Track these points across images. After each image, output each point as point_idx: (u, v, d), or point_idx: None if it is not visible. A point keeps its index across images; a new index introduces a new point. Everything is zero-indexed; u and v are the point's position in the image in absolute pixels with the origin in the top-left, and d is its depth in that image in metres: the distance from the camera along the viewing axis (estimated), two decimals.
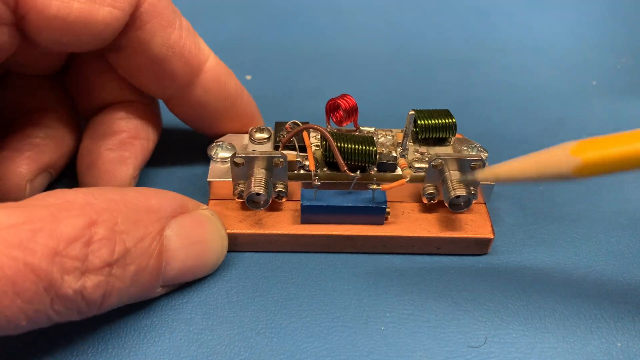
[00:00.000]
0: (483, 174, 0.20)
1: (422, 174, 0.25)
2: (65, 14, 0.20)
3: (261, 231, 0.24)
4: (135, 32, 0.22)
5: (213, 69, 0.26)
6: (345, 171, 0.23)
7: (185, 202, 0.22)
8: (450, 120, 0.26)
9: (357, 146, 0.24)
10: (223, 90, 0.26)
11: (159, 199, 0.21)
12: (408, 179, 0.24)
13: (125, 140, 0.25)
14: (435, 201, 0.25)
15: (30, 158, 0.24)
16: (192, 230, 0.21)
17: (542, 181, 0.20)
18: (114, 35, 0.22)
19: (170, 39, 0.23)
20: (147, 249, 0.19)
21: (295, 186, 0.25)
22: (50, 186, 0.27)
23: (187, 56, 0.24)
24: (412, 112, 0.25)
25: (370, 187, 0.23)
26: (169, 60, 0.24)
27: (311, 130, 0.26)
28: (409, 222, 0.24)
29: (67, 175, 0.28)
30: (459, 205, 0.24)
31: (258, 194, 0.23)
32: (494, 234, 0.24)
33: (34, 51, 0.24)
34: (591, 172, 0.19)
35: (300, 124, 0.27)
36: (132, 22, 0.22)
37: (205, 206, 0.23)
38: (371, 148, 0.24)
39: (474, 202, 0.25)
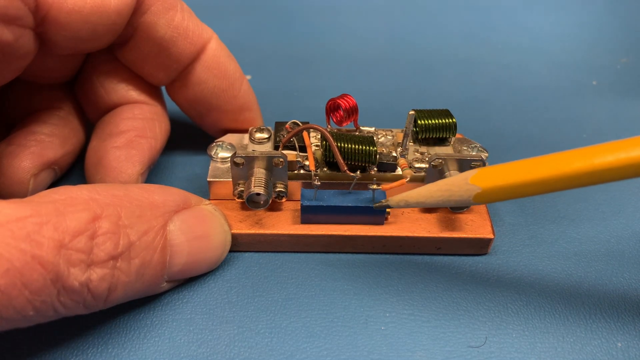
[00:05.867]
0: (395, 200, 0.22)
1: (422, 174, 0.25)
2: (80, 6, 0.21)
3: (261, 231, 0.24)
4: (141, 17, 0.24)
5: (214, 48, 0.27)
6: (345, 171, 0.23)
7: (188, 197, 0.22)
8: (450, 120, 0.26)
9: (357, 146, 0.24)
10: (222, 70, 0.27)
11: (162, 194, 0.21)
12: (408, 179, 0.24)
13: (132, 138, 0.25)
14: None
15: (34, 153, 0.25)
16: (196, 224, 0.21)
17: (448, 206, 0.22)
18: (123, 24, 0.23)
19: (174, 20, 0.25)
20: (151, 243, 0.19)
21: (295, 186, 0.25)
22: (56, 184, 0.27)
23: (191, 36, 0.25)
24: (412, 112, 0.25)
25: (371, 187, 0.23)
26: (175, 42, 0.25)
27: (311, 130, 0.26)
28: (409, 222, 0.24)
29: (74, 176, 0.28)
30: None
31: (258, 194, 0.23)
32: (494, 234, 0.24)
33: (49, 60, 0.25)
34: (490, 198, 0.20)
35: (300, 124, 0.27)
36: (137, 8, 0.23)
37: (207, 201, 0.23)
38: (371, 148, 0.24)
39: None
